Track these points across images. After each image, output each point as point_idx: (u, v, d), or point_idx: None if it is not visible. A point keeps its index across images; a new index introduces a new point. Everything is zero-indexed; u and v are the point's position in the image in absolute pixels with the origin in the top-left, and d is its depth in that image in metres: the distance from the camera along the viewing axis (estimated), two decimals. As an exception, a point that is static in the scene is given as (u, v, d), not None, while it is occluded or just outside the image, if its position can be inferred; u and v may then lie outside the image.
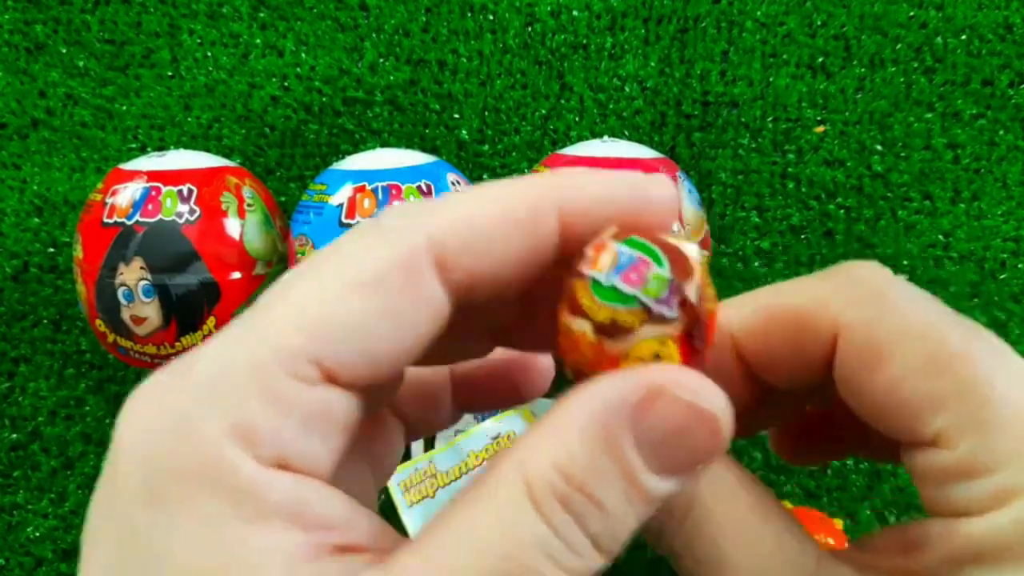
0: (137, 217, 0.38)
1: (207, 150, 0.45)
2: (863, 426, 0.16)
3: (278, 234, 0.42)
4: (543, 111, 0.50)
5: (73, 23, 0.51)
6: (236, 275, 0.39)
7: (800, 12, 0.50)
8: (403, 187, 0.38)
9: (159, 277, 0.37)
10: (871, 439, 0.17)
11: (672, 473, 0.13)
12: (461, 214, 0.14)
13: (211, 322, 0.39)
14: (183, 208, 0.38)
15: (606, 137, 0.43)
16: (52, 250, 0.49)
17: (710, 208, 0.49)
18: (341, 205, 0.38)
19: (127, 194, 0.39)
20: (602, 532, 0.13)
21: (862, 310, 0.16)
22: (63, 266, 0.49)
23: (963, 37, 0.49)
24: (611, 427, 0.13)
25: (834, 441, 0.21)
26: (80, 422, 0.47)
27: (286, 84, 0.51)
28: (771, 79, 0.49)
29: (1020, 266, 0.48)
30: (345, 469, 0.15)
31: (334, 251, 0.14)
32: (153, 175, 0.39)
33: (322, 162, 0.50)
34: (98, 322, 0.39)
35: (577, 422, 0.13)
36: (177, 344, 0.38)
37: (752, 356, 0.17)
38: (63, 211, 0.50)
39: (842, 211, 0.48)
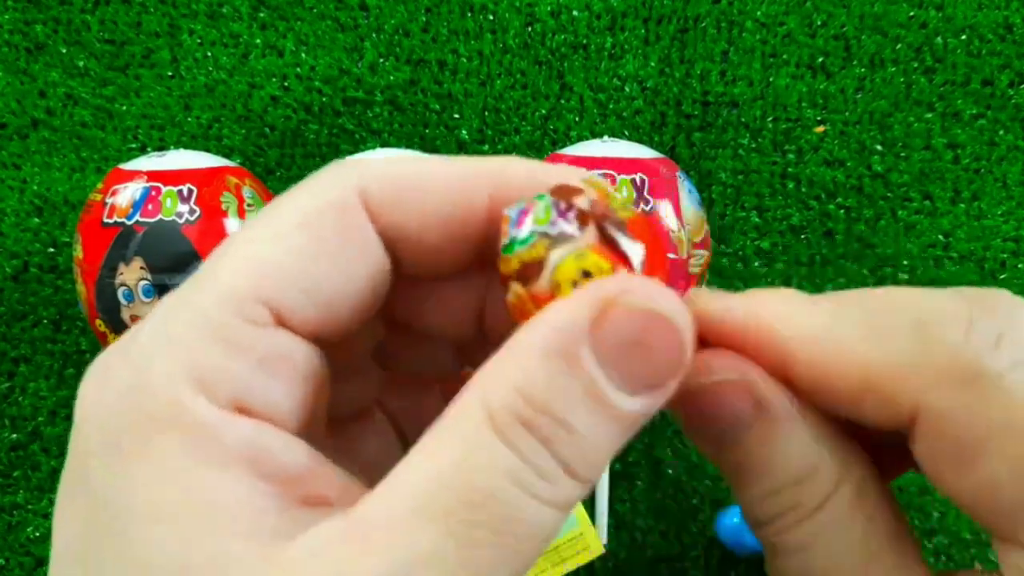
0: (137, 217, 0.38)
1: (207, 150, 0.45)
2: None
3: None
4: (543, 111, 0.50)
5: (73, 23, 0.51)
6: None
7: (800, 12, 0.50)
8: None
9: (159, 277, 0.38)
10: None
11: (640, 389, 0.13)
12: (390, 169, 0.15)
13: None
14: (183, 208, 0.38)
15: (606, 137, 0.43)
16: (52, 250, 0.49)
17: (710, 208, 0.49)
18: (341, 205, 0.38)
19: (127, 194, 0.39)
20: (573, 456, 0.12)
21: (953, 393, 0.13)
22: (63, 266, 0.49)
23: (963, 37, 0.49)
24: (569, 345, 0.12)
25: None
26: (80, 422, 0.47)
27: (286, 84, 0.51)
28: (771, 79, 0.50)
29: (1020, 266, 0.48)
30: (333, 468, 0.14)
31: (272, 205, 0.14)
32: (153, 175, 0.39)
33: (322, 162, 0.50)
34: (98, 322, 0.39)
35: (535, 345, 0.12)
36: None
37: (821, 391, 0.14)
38: (63, 211, 0.50)
39: (842, 211, 0.48)
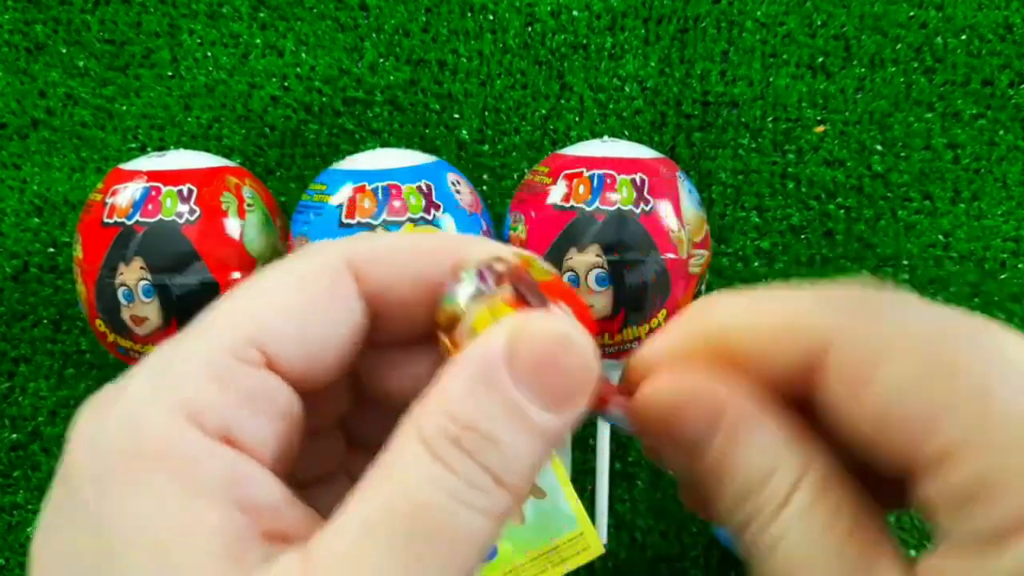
0: (137, 217, 0.38)
1: (207, 150, 0.45)
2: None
3: (278, 234, 0.42)
4: (543, 111, 0.50)
5: (73, 23, 0.51)
6: (236, 275, 0.39)
7: (800, 12, 0.50)
8: (403, 187, 0.38)
9: (159, 277, 0.37)
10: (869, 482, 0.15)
11: (554, 405, 0.14)
12: (373, 241, 0.17)
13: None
14: (183, 208, 0.38)
15: (606, 137, 0.43)
16: (52, 250, 0.49)
17: (710, 208, 0.49)
18: (341, 205, 0.38)
19: (127, 194, 0.39)
20: (499, 465, 0.14)
21: (855, 319, 0.15)
22: (63, 266, 0.49)
23: (963, 37, 0.49)
24: (489, 370, 0.14)
25: None
26: (80, 422, 0.47)
27: (286, 84, 0.51)
28: (771, 79, 0.49)
29: (1020, 266, 0.48)
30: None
31: (271, 267, 0.17)
32: (153, 175, 0.39)
33: (322, 162, 0.50)
34: (98, 322, 0.39)
35: (459, 376, 0.14)
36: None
37: (742, 358, 0.16)
38: (63, 211, 0.50)
39: (842, 211, 0.48)
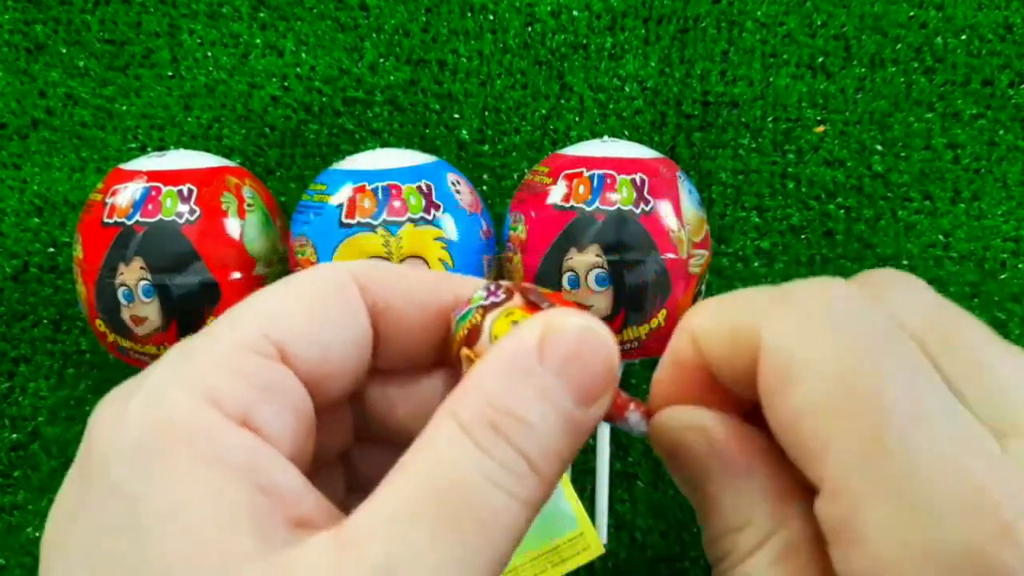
0: (137, 217, 0.38)
1: (207, 150, 0.45)
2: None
3: (278, 234, 0.42)
4: (543, 111, 0.50)
5: (73, 23, 0.51)
6: (236, 275, 0.39)
7: (800, 12, 0.50)
8: (403, 187, 0.38)
9: (159, 277, 0.37)
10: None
11: (583, 398, 0.15)
12: (376, 264, 0.19)
13: (211, 322, 0.38)
14: (183, 208, 0.38)
15: (606, 137, 0.43)
16: (52, 250, 0.49)
17: (710, 208, 0.49)
18: (341, 205, 0.38)
19: (127, 194, 0.39)
20: (533, 449, 0.14)
21: (786, 331, 0.15)
22: (63, 266, 0.49)
23: (963, 37, 0.49)
24: (524, 359, 0.15)
25: None
26: (80, 422, 0.47)
27: (286, 84, 0.51)
28: (771, 79, 0.49)
29: (1020, 266, 0.48)
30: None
31: (283, 280, 0.18)
32: (153, 175, 0.39)
33: (322, 162, 0.50)
34: (98, 322, 0.39)
35: (493, 366, 0.15)
36: (177, 344, 0.38)
37: (709, 359, 0.17)
38: (63, 211, 0.50)
39: (842, 211, 0.48)
